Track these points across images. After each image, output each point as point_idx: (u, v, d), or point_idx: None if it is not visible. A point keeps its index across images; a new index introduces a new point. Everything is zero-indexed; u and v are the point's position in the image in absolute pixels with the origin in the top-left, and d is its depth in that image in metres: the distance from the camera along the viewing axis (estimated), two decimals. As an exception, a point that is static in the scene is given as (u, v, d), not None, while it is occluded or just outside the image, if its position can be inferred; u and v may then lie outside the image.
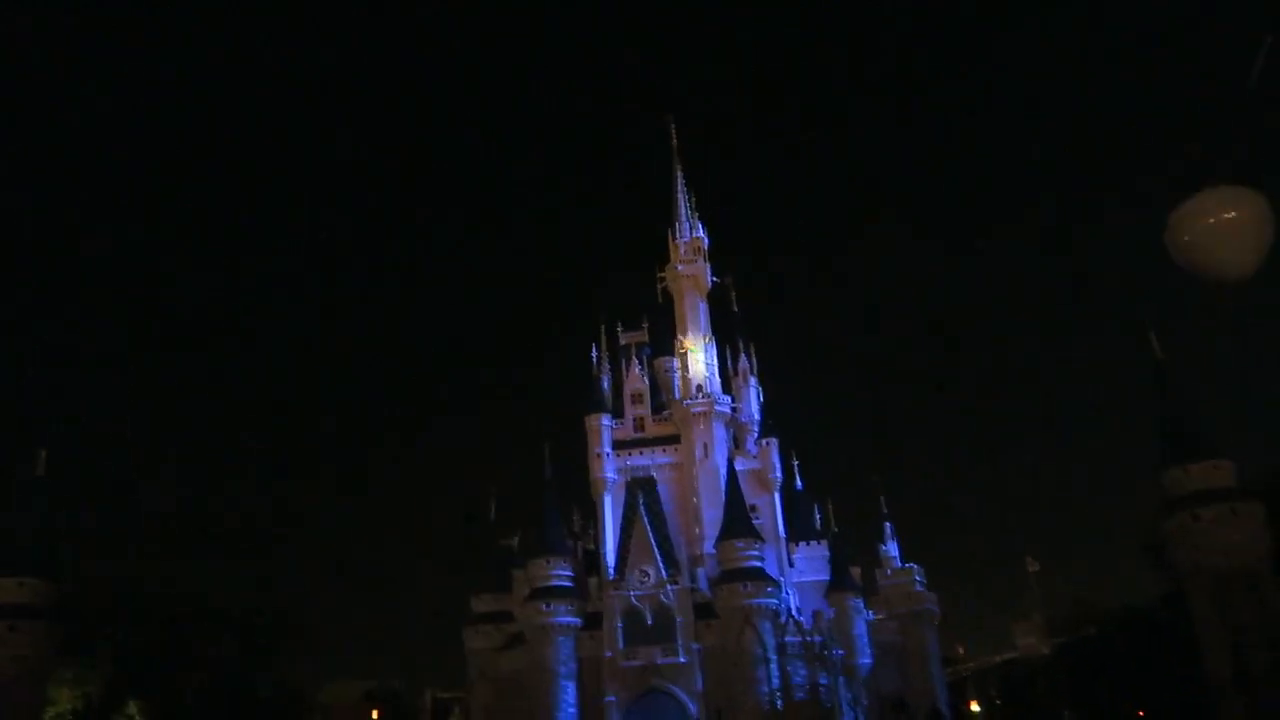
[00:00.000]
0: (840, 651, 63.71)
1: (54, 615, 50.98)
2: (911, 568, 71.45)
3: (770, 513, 70.97)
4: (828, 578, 68.35)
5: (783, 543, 70.57)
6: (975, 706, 66.92)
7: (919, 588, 70.52)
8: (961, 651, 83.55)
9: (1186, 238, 8.13)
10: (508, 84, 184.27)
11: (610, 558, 66.09)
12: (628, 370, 74.66)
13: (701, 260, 75.88)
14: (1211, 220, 8.02)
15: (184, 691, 61.07)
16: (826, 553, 69.88)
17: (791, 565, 70.39)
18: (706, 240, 76.80)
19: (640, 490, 69.16)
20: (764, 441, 73.22)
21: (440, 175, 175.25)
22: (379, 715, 74.13)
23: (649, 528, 65.32)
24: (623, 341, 76.93)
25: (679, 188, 78.81)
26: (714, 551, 64.27)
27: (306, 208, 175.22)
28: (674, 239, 76.71)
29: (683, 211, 77.85)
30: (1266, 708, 35.62)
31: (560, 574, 63.61)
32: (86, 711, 53.83)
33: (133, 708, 56.65)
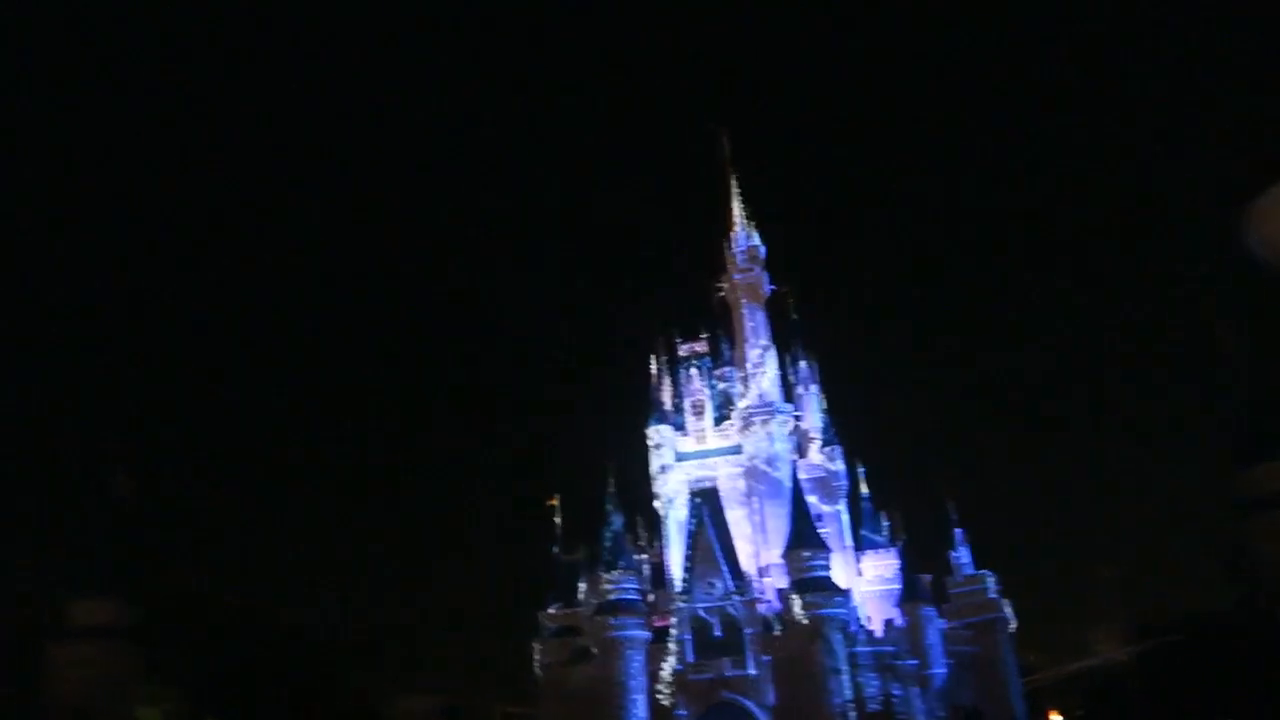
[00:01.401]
0: (913, 662, 62.70)
1: (137, 635, 52.38)
2: (984, 574, 70.07)
3: (836, 522, 70.36)
4: (898, 587, 67.37)
5: (850, 552, 69.87)
6: (1056, 717, 65.21)
7: (992, 595, 69.10)
8: (1033, 659, 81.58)
9: (1270, 227, 7.85)
10: (561, 95, 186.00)
11: (676, 570, 65.92)
12: (688, 381, 74.64)
13: (759, 269, 75.63)
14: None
15: (261, 709, 62.24)
16: (896, 561, 68.95)
17: (860, 574, 69.57)
18: (763, 249, 76.55)
19: (704, 501, 68.89)
20: (828, 450, 72.64)
21: (488, 185, 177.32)
22: (450, 730, 74.76)
23: (714, 539, 65.01)
24: (681, 352, 76.92)
25: (733, 196, 78.70)
26: (781, 562, 63.74)
27: (372, 221, 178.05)
28: (729, 248, 76.60)
29: (738, 220, 77.71)
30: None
31: (627, 587, 63.60)
32: None
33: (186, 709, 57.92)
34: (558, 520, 73.51)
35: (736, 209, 78.08)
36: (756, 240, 76.74)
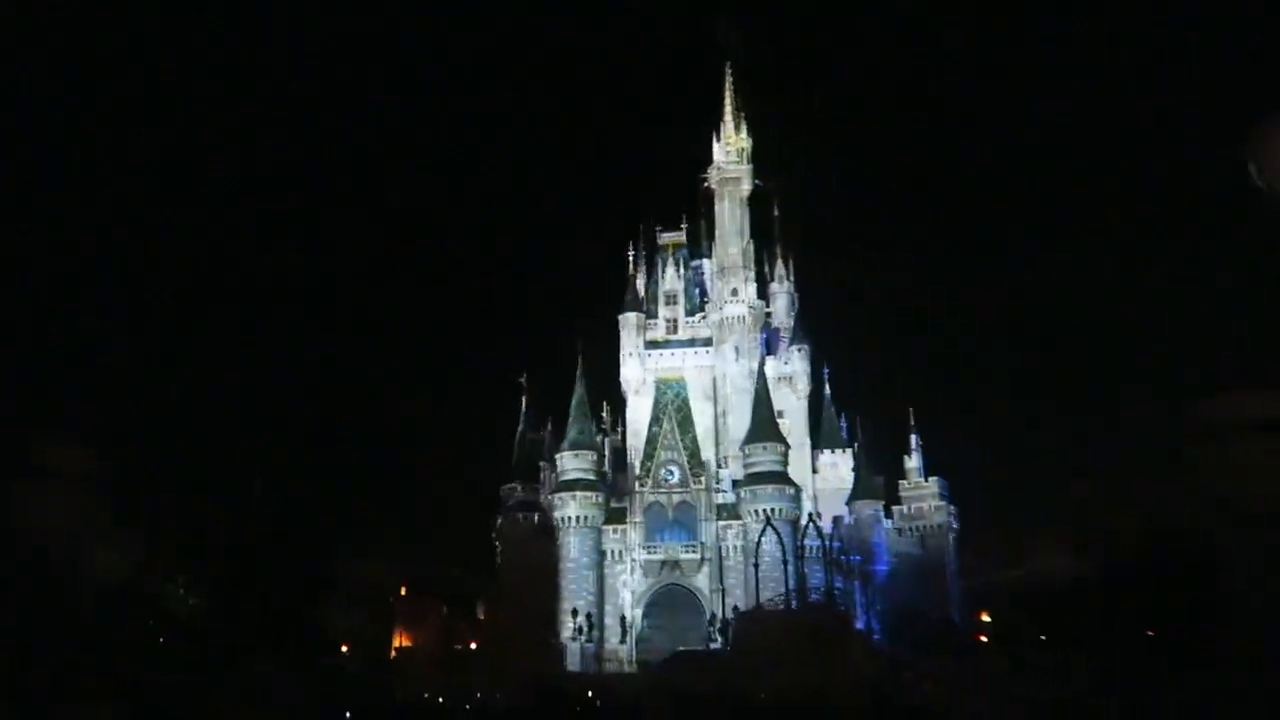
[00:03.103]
0: (858, 558, 64.91)
1: (105, 481, 52.66)
2: (934, 480, 72.15)
3: (798, 419, 71.55)
4: (851, 486, 69.11)
5: (808, 449, 71.32)
6: (986, 618, 68.12)
7: (940, 500, 71.33)
8: (973, 563, 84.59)
9: (1270, 156, 7.82)
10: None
11: (637, 454, 67.09)
12: (664, 270, 74.43)
13: (744, 162, 74.70)
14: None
15: (226, 568, 63.34)
16: (851, 462, 70.50)
17: (815, 472, 71.24)
18: (750, 143, 75.42)
19: (670, 390, 69.82)
20: (795, 348, 73.28)
21: (481, 62, 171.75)
22: (406, 592, 76.74)
23: (676, 427, 66.11)
24: (661, 241, 76.44)
25: (727, 89, 76.97)
26: (739, 454, 65.03)
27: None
28: (718, 139, 75.38)
29: (728, 113, 76.24)
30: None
31: (587, 468, 64.78)
32: (131, 578, 56.09)
33: (175, 576, 58.82)
34: (524, 399, 74.18)
35: (729, 101, 76.50)
36: (744, 133, 75.52)
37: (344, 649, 67.77)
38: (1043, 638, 52.87)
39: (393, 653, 65.48)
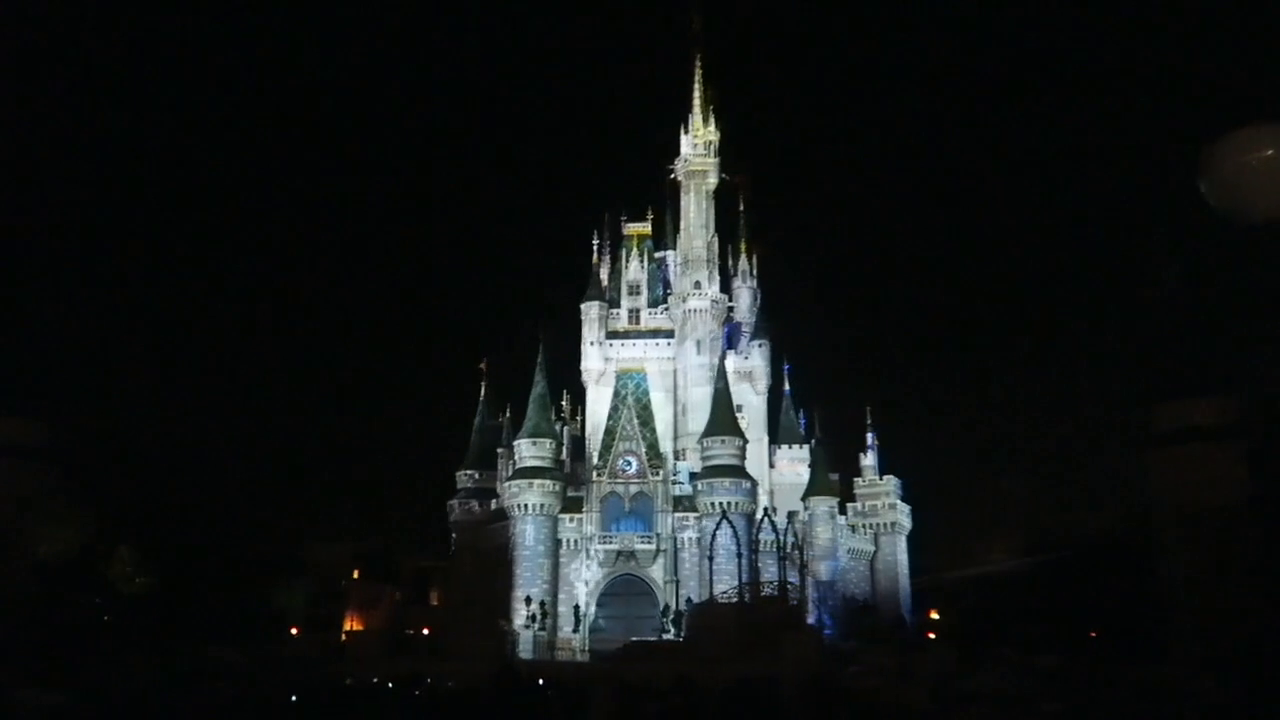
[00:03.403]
0: (812, 553, 65.56)
1: (53, 456, 51.52)
2: (889, 479, 73.18)
3: (756, 414, 72.00)
4: (806, 481, 69.71)
5: (766, 444, 71.84)
6: (935, 615, 69.27)
7: (894, 499, 72.38)
8: (925, 562, 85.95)
9: (1219, 175, 8.07)
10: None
11: (595, 444, 67.12)
12: (628, 261, 74.43)
13: (712, 155, 74.80)
14: (1245, 158, 7.96)
15: (177, 543, 62.47)
16: (809, 458, 71.10)
17: (772, 466, 71.79)
18: (718, 136, 75.52)
19: (630, 381, 69.93)
20: (756, 343, 73.70)
21: (448, 46, 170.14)
22: (360, 577, 76.28)
23: (635, 418, 66.25)
24: (625, 232, 76.38)
25: (696, 80, 76.95)
26: (697, 446, 65.30)
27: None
28: (685, 131, 75.39)
29: (697, 104, 76.24)
30: (1218, 641, 36.87)
31: (544, 456, 64.72)
32: (79, 555, 54.99)
33: (124, 554, 57.86)
34: (484, 384, 73.94)
35: (698, 93, 76.47)
36: (713, 126, 75.60)
37: (294, 631, 67.36)
38: (990, 635, 53.80)
39: (344, 636, 65.08)
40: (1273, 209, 7.98)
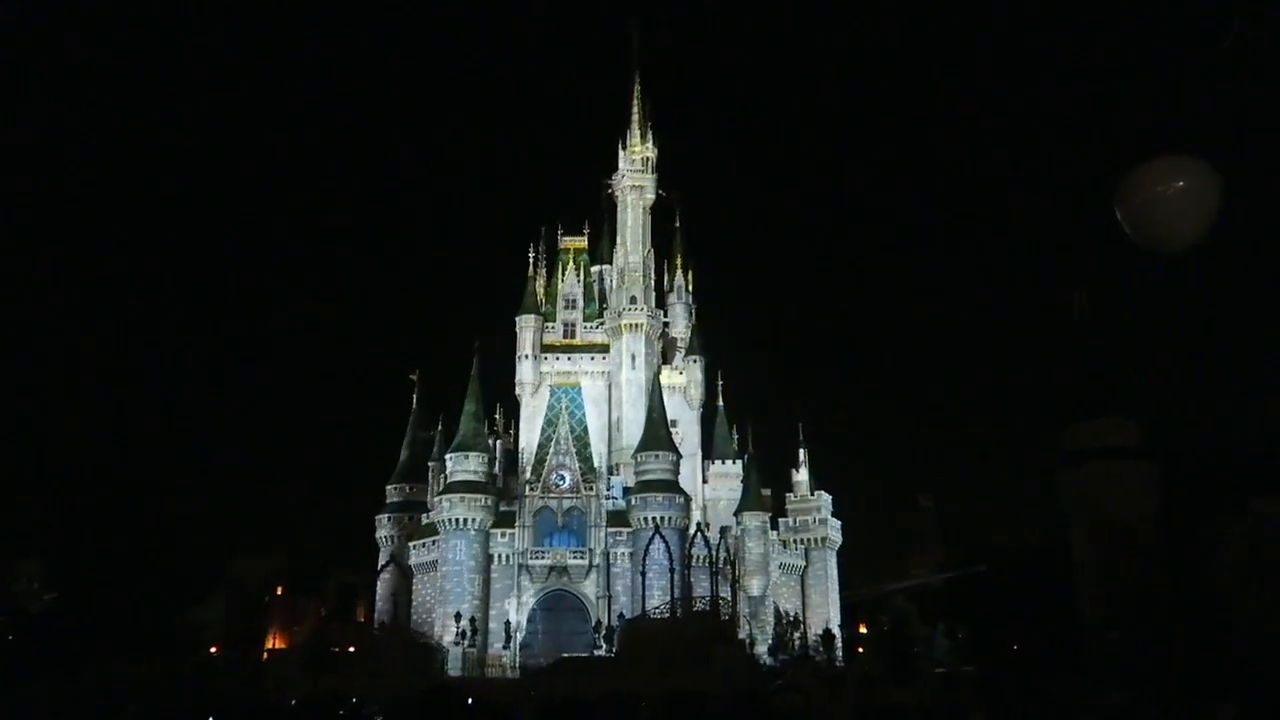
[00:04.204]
0: (744, 568, 65.89)
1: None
2: (820, 495, 74.03)
3: (690, 429, 72.26)
4: (739, 497, 70.11)
5: (699, 459, 72.11)
6: (863, 629, 70.17)
7: (825, 514, 73.23)
8: (854, 577, 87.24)
9: (1133, 206, 8.33)
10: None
11: (529, 458, 66.66)
12: (564, 274, 74.26)
13: (649, 171, 75.22)
14: (1159, 189, 8.23)
15: (86, 555, 60.35)
16: (741, 473, 71.54)
17: (706, 482, 72.06)
18: (655, 153, 75.96)
19: (565, 395, 69.69)
20: (691, 359, 74.04)
21: (386, 56, 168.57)
22: (283, 592, 74.49)
23: (569, 432, 66.01)
24: (562, 245, 76.24)
25: (635, 96, 77.36)
26: (631, 461, 65.27)
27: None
28: (623, 147, 75.69)
29: (635, 120, 76.61)
30: (1129, 650, 38.03)
31: (476, 470, 64.07)
32: None
33: (29, 568, 55.69)
34: (415, 396, 73.02)
35: (636, 109, 76.88)
36: (650, 142, 76.04)
37: (214, 649, 65.45)
38: (916, 650, 54.65)
39: (266, 653, 63.44)
40: (1183, 240, 8.26)
